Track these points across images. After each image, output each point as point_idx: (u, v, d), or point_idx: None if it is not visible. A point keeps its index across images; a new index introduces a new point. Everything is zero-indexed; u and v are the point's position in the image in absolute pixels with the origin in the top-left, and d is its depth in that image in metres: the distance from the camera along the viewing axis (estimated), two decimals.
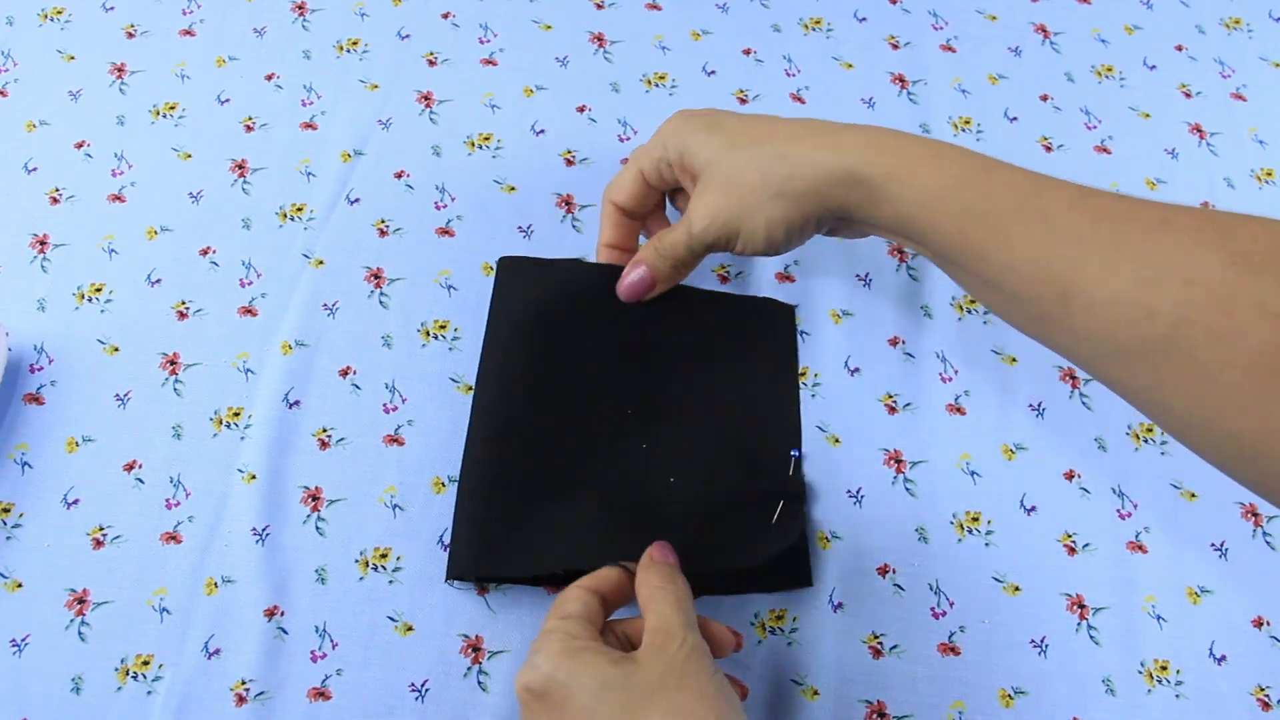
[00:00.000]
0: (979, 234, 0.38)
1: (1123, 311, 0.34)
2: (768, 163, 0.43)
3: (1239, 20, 0.71)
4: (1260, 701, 0.48)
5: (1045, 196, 0.38)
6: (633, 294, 0.49)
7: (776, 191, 0.42)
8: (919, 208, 0.40)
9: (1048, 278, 0.36)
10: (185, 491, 0.49)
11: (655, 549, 0.42)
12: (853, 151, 0.41)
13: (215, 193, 0.58)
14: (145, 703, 0.45)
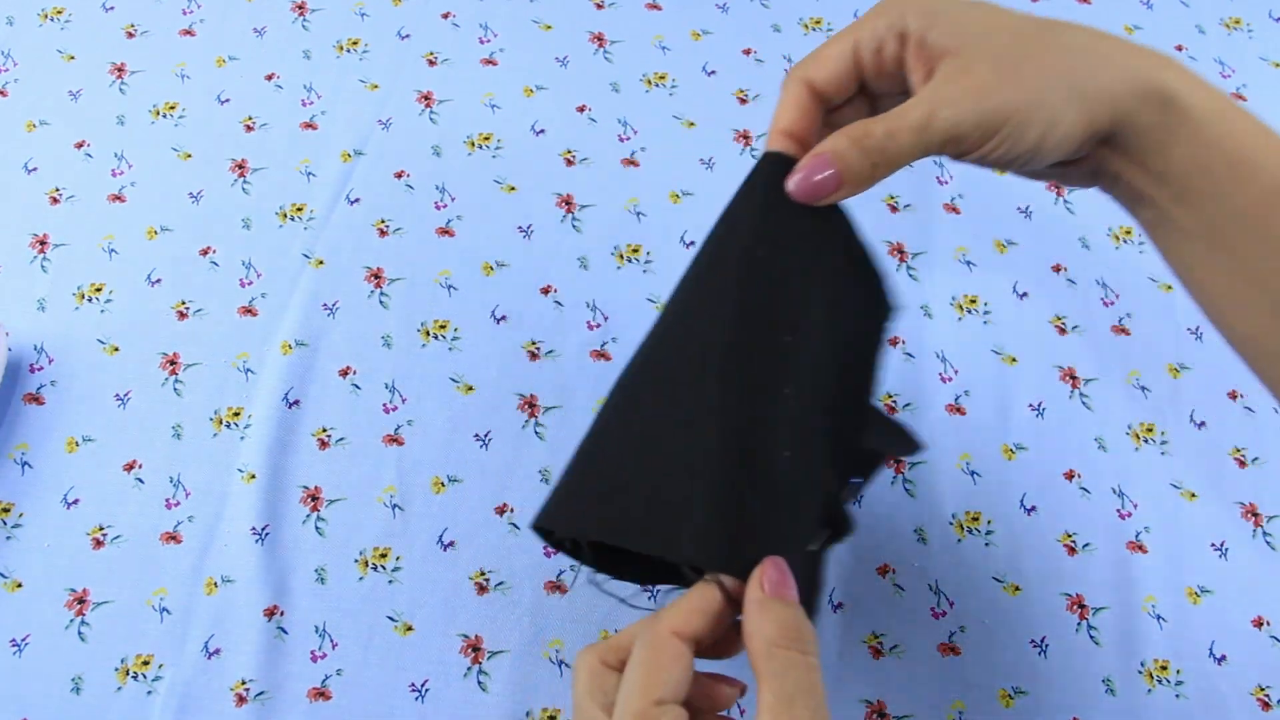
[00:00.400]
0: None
1: None
2: (1065, 54, 0.34)
3: (1239, 20, 0.71)
4: (1260, 701, 0.48)
5: None
6: (809, 194, 0.35)
7: (1074, 86, 0.33)
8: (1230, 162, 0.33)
9: None
10: (185, 491, 0.49)
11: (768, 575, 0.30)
12: (1172, 70, 0.33)
13: (215, 193, 0.58)
14: (145, 703, 0.45)
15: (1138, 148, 0.34)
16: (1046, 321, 0.57)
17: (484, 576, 0.48)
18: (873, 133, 0.34)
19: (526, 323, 0.55)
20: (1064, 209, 0.61)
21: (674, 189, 0.60)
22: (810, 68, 0.36)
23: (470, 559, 0.49)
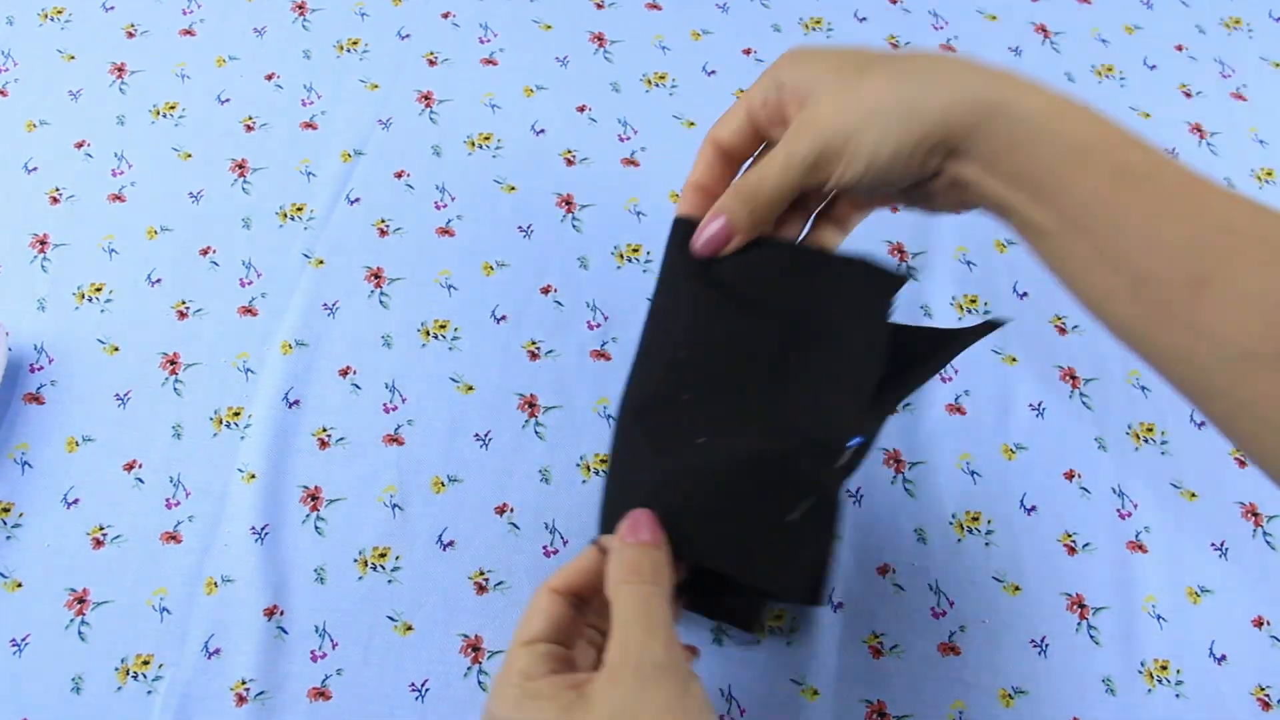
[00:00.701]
0: (1129, 198, 0.34)
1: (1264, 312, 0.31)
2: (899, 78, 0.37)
3: (1239, 20, 0.70)
4: (1260, 701, 0.48)
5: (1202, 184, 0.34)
6: (708, 248, 0.41)
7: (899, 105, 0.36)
8: (1068, 155, 0.35)
9: (1190, 261, 0.33)
10: (185, 491, 0.49)
11: (627, 524, 0.35)
12: (1003, 81, 0.36)
13: (215, 193, 0.58)
14: (145, 702, 0.45)
15: (983, 154, 0.36)
16: (1046, 321, 0.57)
17: (484, 576, 0.48)
18: (748, 181, 0.39)
19: (526, 322, 0.55)
20: None
21: (674, 189, 0.60)
22: (717, 129, 0.42)
23: (470, 559, 0.49)
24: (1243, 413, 0.33)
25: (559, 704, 0.32)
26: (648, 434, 0.39)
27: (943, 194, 0.40)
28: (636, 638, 0.33)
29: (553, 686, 0.33)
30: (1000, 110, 0.36)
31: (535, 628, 0.35)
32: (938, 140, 0.37)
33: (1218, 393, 0.34)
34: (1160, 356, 0.35)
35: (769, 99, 0.40)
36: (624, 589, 0.34)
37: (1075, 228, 0.36)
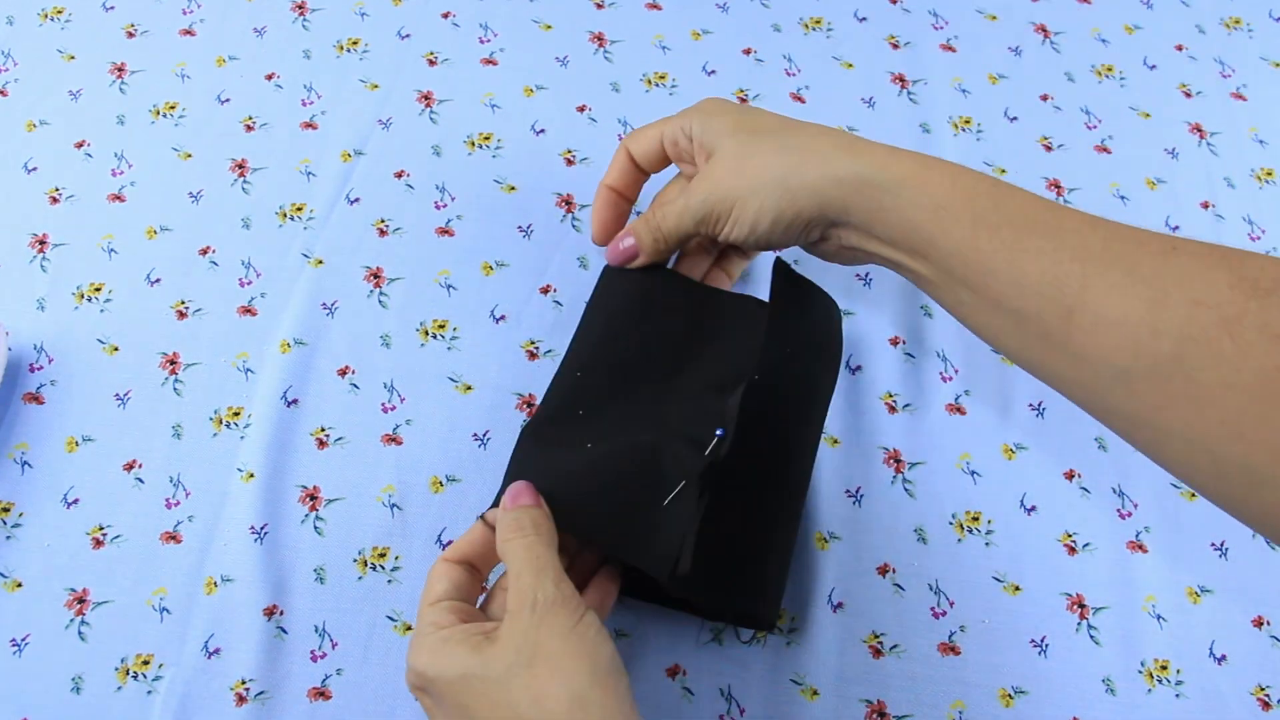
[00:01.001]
0: (989, 245, 0.38)
1: (1128, 331, 0.34)
2: (781, 153, 0.43)
3: (1239, 20, 0.70)
4: (1260, 701, 0.48)
5: (1057, 216, 0.38)
6: (617, 260, 0.49)
7: (778, 180, 0.42)
8: (930, 214, 0.39)
9: (1055, 294, 0.36)
10: (185, 491, 0.49)
11: (508, 494, 0.40)
12: (866, 157, 0.41)
13: (215, 193, 0.58)
14: (145, 702, 0.45)
15: (860, 223, 0.42)
16: None
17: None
18: (655, 215, 0.47)
19: (526, 322, 0.55)
20: None
21: None
22: (632, 141, 0.49)
23: None
24: (1137, 425, 0.36)
25: (469, 645, 0.36)
26: (542, 442, 0.44)
27: (834, 254, 0.46)
28: (528, 581, 0.36)
29: (463, 632, 0.37)
30: (866, 183, 0.41)
31: (437, 591, 0.39)
32: (813, 215, 0.43)
33: (1112, 410, 0.37)
34: (1056, 382, 0.39)
35: (679, 141, 0.47)
36: (511, 545, 0.38)
37: (952, 277, 0.40)
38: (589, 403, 0.46)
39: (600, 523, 0.42)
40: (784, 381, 0.48)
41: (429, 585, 0.39)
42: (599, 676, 0.35)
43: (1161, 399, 0.34)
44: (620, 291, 0.50)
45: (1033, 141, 0.64)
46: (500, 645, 0.35)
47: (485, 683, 0.35)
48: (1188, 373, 0.33)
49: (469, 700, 0.35)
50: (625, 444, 0.44)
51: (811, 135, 0.44)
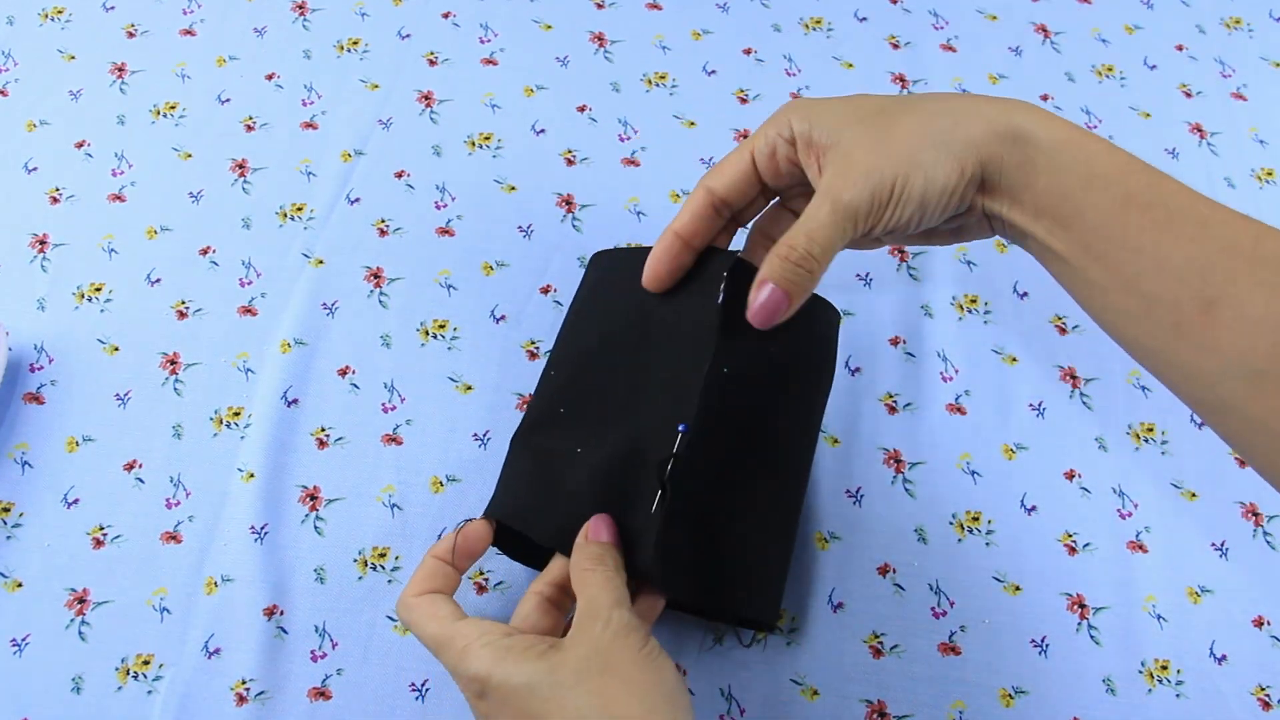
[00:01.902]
0: (1139, 222, 0.36)
1: (1269, 330, 0.33)
2: (926, 117, 0.38)
3: (1239, 20, 0.70)
4: (1260, 701, 0.48)
5: (1210, 207, 0.36)
6: (767, 318, 0.40)
7: (939, 142, 0.38)
8: (1083, 181, 0.37)
9: (1198, 282, 0.35)
10: (185, 491, 0.49)
11: (589, 527, 0.41)
12: (1021, 111, 0.38)
13: (215, 193, 0.58)
14: (145, 702, 0.45)
15: (1008, 187, 0.38)
16: (1046, 321, 0.57)
17: (483, 576, 0.48)
18: (796, 245, 0.39)
19: (526, 322, 0.55)
20: None
21: (674, 189, 0.60)
22: (713, 178, 0.42)
23: None
24: (1253, 429, 0.35)
25: (535, 653, 0.36)
26: (533, 451, 0.45)
27: (972, 228, 0.42)
28: (605, 602, 0.37)
29: (525, 640, 0.37)
30: (1025, 140, 0.37)
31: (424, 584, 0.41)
32: (975, 173, 0.38)
33: (1229, 409, 0.35)
34: (1174, 373, 0.37)
35: (778, 149, 0.41)
36: (591, 575, 0.39)
37: (1090, 254, 0.37)
38: (566, 399, 0.46)
39: None
40: (767, 378, 0.47)
41: (416, 577, 0.41)
42: (667, 693, 0.35)
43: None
44: (588, 285, 0.49)
45: None
46: (569, 653, 0.36)
47: (554, 688, 0.35)
48: None
49: (534, 707, 0.35)
50: (605, 456, 0.43)
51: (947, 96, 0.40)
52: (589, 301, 0.49)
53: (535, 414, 0.47)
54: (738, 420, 0.46)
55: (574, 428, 0.45)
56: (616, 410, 0.45)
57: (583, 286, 0.50)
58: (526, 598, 0.42)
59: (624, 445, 0.44)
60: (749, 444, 0.46)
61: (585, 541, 0.40)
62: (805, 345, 0.48)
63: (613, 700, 0.35)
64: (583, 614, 0.37)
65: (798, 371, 0.48)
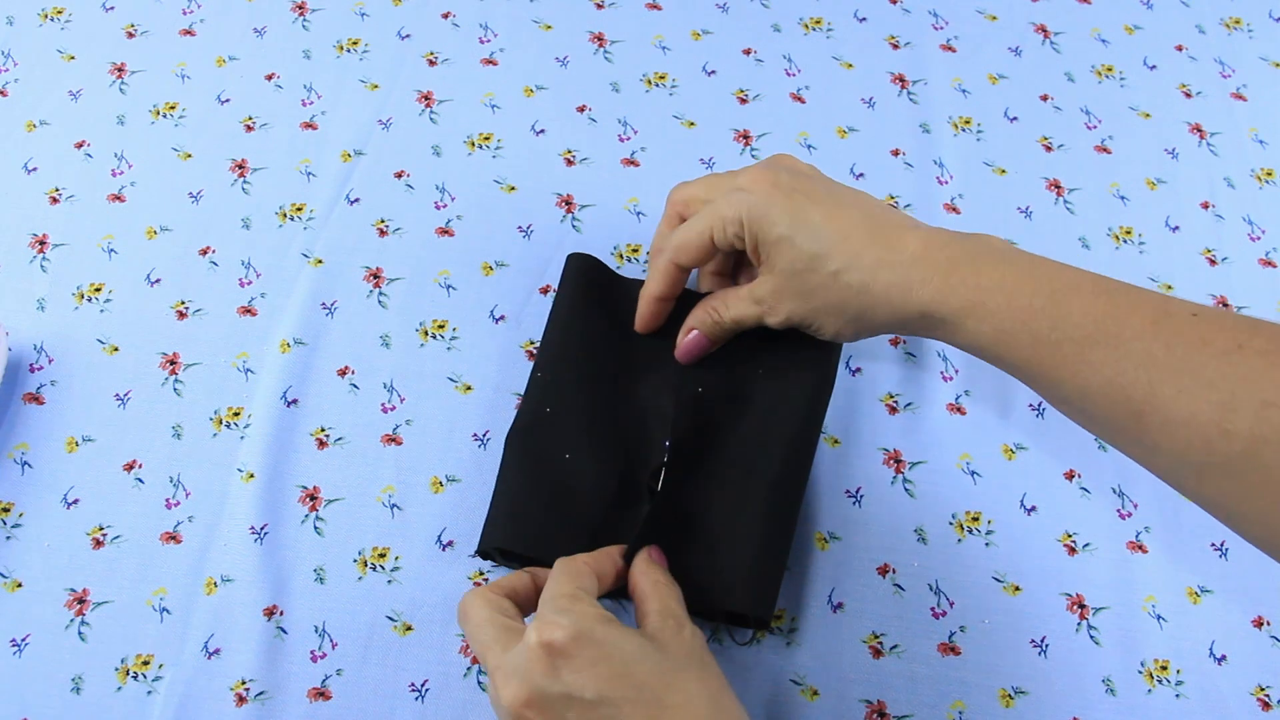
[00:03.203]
0: (1052, 361, 0.39)
1: (1197, 432, 0.35)
2: (843, 290, 0.43)
3: (1239, 20, 0.70)
4: (1260, 701, 0.48)
5: (1118, 321, 0.38)
6: (689, 357, 0.50)
7: (851, 318, 0.44)
8: (992, 337, 0.41)
9: (1122, 400, 0.37)
10: (185, 491, 0.49)
11: (654, 550, 0.44)
12: (925, 294, 0.41)
13: (215, 193, 0.58)
14: (145, 703, 0.45)
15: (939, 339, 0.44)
16: None
17: (483, 577, 0.48)
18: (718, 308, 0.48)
19: (525, 323, 0.55)
20: (1064, 209, 0.61)
21: None
22: (679, 254, 0.48)
23: (469, 559, 0.48)
24: (1214, 508, 0.37)
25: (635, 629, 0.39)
26: (526, 454, 0.47)
27: None
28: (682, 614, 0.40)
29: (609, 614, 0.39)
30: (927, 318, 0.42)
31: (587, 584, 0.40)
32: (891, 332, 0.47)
33: (1189, 492, 0.39)
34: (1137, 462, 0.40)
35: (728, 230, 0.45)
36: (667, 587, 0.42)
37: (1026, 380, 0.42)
38: (551, 399, 0.49)
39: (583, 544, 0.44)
40: (763, 383, 0.49)
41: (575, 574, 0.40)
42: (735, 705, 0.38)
43: (1236, 489, 0.35)
44: (569, 293, 0.52)
45: (1033, 141, 0.64)
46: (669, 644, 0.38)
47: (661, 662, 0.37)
48: (1263, 469, 0.34)
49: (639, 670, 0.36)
50: (595, 469, 0.47)
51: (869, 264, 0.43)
52: (573, 306, 0.51)
53: (525, 417, 0.49)
54: (729, 426, 0.48)
55: (561, 428, 0.48)
56: (602, 416, 0.48)
57: (565, 290, 0.52)
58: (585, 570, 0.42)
59: (613, 455, 0.47)
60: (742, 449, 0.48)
61: (652, 561, 0.43)
62: (805, 350, 0.49)
63: (717, 693, 0.37)
64: (665, 617, 0.39)
65: (797, 375, 0.49)
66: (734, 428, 0.49)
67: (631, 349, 0.51)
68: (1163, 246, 0.60)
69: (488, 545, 0.46)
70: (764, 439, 0.48)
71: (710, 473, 0.47)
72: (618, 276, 0.53)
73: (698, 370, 0.50)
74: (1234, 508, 0.36)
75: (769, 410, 0.49)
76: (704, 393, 0.49)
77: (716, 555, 0.45)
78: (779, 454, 0.47)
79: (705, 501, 0.46)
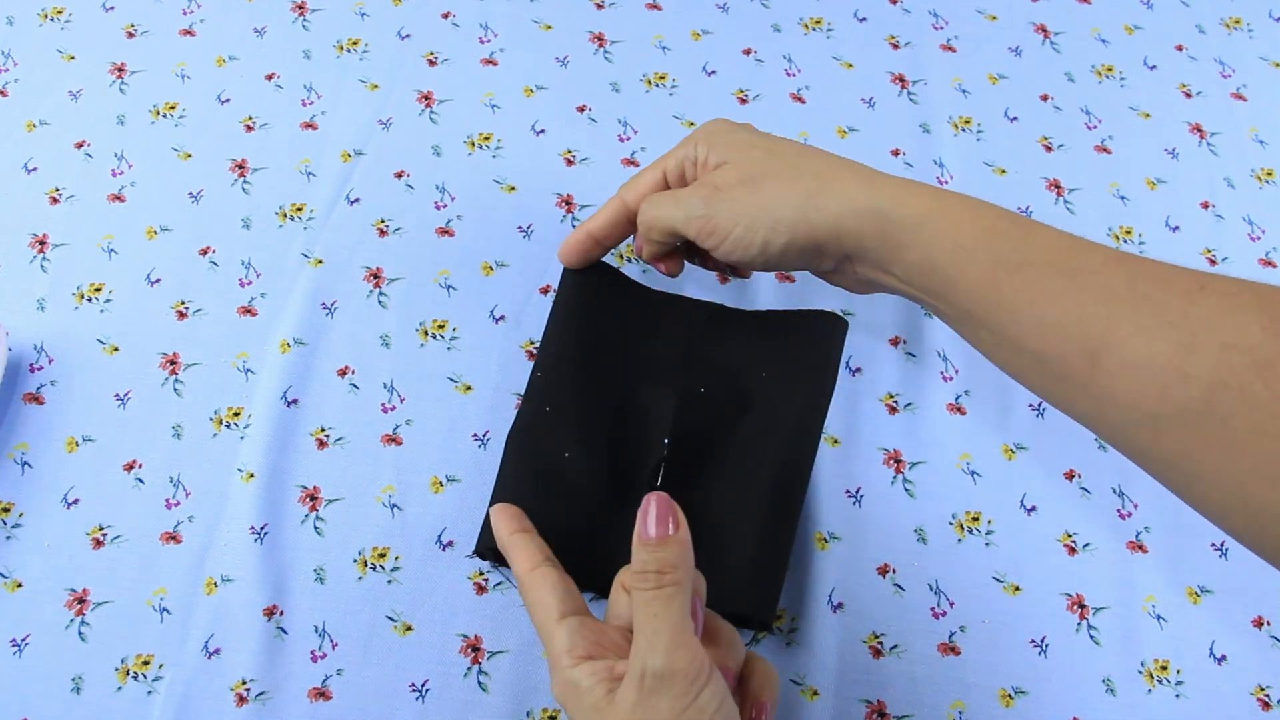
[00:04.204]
0: (1010, 285, 0.37)
1: (1155, 375, 0.33)
2: (798, 178, 0.41)
3: (1239, 20, 0.70)
4: (1260, 701, 0.48)
5: (1081, 254, 0.36)
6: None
7: (796, 205, 0.41)
8: (949, 254, 0.38)
9: (1079, 335, 0.35)
10: (185, 491, 0.49)
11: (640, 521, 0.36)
12: (886, 190, 0.40)
13: (215, 193, 0.58)
14: (145, 703, 0.45)
15: (876, 260, 0.41)
16: None
17: (483, 577, 0.48)
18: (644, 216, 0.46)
19: (525, 323, 0.55)
20: (1064, 209, 0.61)
21: None
22: (629, 190, 0.47)
23: (470, 559, 0.49)
24: (1166, 468, 0.35)
25: (591, 699, 0.34)
26: (524, 454, 0.47)
27: (849, 284, 0.45)
28: (640, 646, 0.34)
29: (591, 676, 0.35)
30: (884, 217, 0.39)
31: (549, 603, 0.37)
32: (829, 245, 0.41)
33: (1140, 452, 0.36)
34: (1083, 420, 0.37)
35: (686, 171, 0.45)
36: (636, 595, 0.34)
37: (971, 318, 0.39)
38: (551, 399, 0.49)
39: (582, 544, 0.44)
40: (759, 379, 0.50)
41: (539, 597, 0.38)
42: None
43: (1192, 444, 0.33)
44: (570, 293, 0.52)
45: (1033, 141, 0.64)
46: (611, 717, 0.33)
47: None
48: (1220, 419, 0.31)
49: None
50: (590, 475, 0.47)
51: (828, 163, 0.42)
52: (574, 306, 0.51)
53: (525, 417, 0.49)
54: (730, 427, 0.49)
55: (562, 428, 0.48)
56: (603, 417, 0.48)
57: (565, 291, 0.52)
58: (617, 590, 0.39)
59: (613, 455, 0.47)
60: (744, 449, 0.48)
61: (636, 543, 0.36)
62: (805, 353, 0.49)
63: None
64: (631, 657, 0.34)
65: (798, 375, 0.49)
66: (735, 428, 0.49)
67: (632, 349, 0.51)
68: (1163, 246, 0.60)
69: (483, 546, 0.46)
70: (765, 439, 0.48)
71: (711, 473, 0.47)
72: (618, 275, 0.53)
73: (699, 371, 0.50)
74: (1189, 466, 0.33)
75: (770, 411, 0.49)
76: (705, 393, 0.50)
77: (718, 556, 0.45)
78: (780, 455, 0.47)
79: (707, 502, 0.46)
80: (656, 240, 0.46)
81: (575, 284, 0.52)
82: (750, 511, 0.46)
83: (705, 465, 0.48)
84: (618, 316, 0.51)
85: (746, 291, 0.56)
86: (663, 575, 0.34)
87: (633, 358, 0.51)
